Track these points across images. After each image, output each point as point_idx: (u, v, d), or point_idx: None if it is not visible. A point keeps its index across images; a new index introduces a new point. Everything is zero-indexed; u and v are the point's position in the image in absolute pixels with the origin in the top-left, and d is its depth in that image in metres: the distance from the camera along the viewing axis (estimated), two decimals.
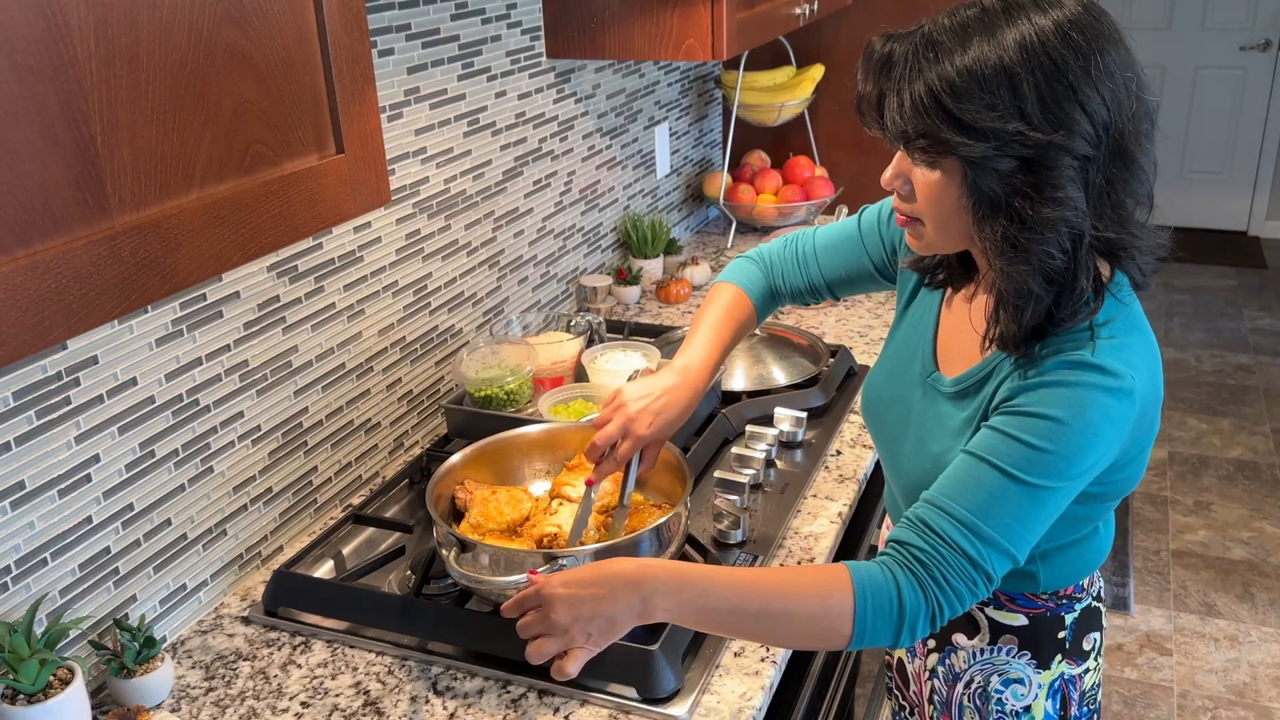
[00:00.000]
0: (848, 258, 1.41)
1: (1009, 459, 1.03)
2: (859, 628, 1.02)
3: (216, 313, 1.41)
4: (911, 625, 1.03)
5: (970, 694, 1.29)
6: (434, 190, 1.82)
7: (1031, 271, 1.01)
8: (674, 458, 1.43)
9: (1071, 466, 1.02)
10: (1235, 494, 3.62)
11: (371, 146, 1.08)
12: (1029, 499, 1.03)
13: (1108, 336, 1.04)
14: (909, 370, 1.26)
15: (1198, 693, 2.76)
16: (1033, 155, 0.98)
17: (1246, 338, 4.77)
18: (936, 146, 1.01)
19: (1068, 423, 1.02)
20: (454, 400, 1.82)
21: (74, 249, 0.78)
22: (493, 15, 1.92)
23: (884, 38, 1.06)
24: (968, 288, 1.22)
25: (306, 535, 1.62)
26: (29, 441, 1.19)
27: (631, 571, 1.04)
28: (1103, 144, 0.99)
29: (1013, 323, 1.05)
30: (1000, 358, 1.12)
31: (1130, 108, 1.00)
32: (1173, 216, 6.02)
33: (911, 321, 1.29)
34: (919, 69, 1.00)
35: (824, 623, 1.02)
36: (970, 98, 0.97)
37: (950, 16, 1.02)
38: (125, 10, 0.80)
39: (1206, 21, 5.63)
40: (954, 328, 1.22)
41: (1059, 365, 1.03)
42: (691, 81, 2.94)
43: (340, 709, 1.27)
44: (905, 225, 1.13)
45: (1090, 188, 1.00)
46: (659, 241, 2.57)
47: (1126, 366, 1.03)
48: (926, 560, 1.03)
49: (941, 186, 1.04)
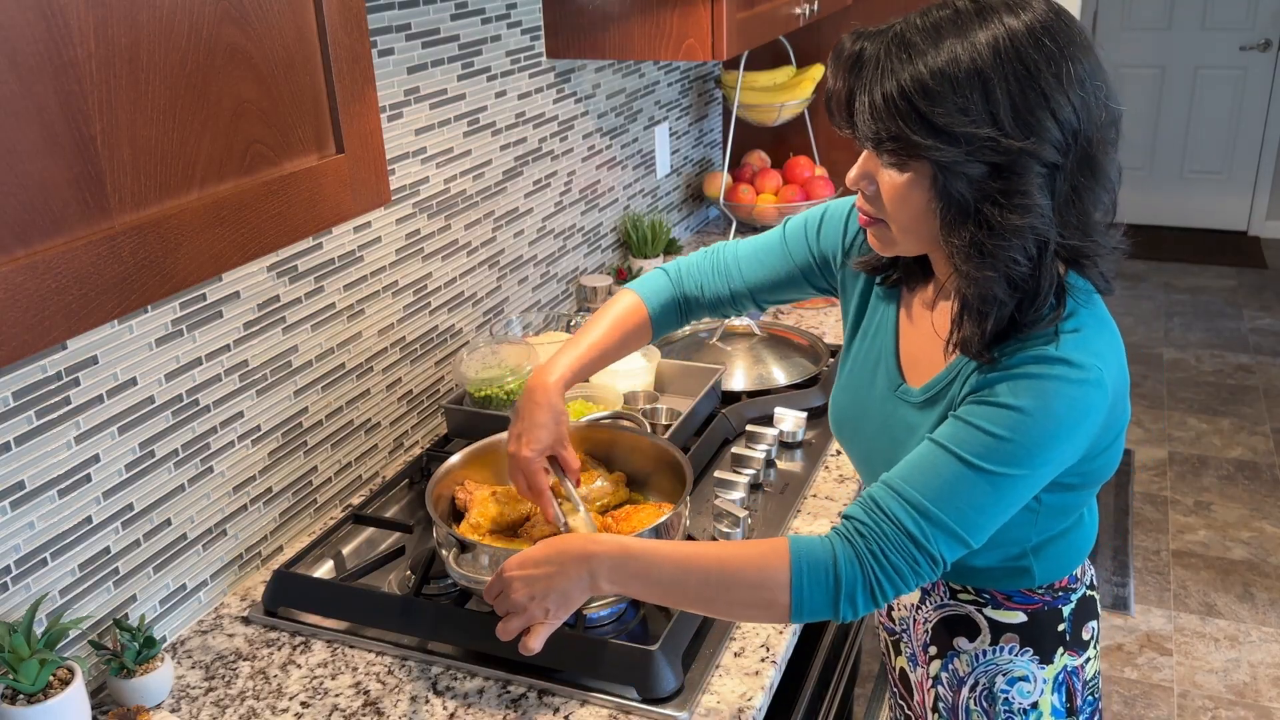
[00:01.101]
0: (771, 266, 1.39)
1: (969, 447, 1.03)
2: (795, 597, 1.03)
3: (216, 313, 1.41)
4: (850, 596, 1.04)
5: (976, 697, 1.29)
6: (434, 190, 1.82)
7: (997, 277, 1.01)
8: (674, 458, 1.43)
9: (1032, 456, 1.03)
10: (1235, 494, 3.62)
11: (371, 146, 1.08)
12: (987, 485, 1.03)
13: (1071, 330, 1.04)
14: (873, 386, 1.25)
15: (1198, 693, 2.76)
16: (1003, 161, 0.98)
17: (1246, 338, 4.77)
18: (907, 149, 1.00)
19: (1030, 413, 1.02)
20: (454, 400, 1.82)
21: (74, 249, 0.78)
22: (493, 15, 1.92)
23: (854, 35, 1.05)
24: (924, 295, 1.21)
25: (306, 535, 1.62)
26: (29, 441, 1.19)
27: (579, 547, 1.10)
28: (1071, 152, 0.99)
29: (976, 329, 1.05)
30: (964, 362, 1.12)
31: (1099, 116, 1.00)
32: (1173, 216, 6.05)
33: (868, 336, 1.28)
34: (890, 69, 0.99)
35: (762, 592, 1.04)
36: (943, 100, 0.97)
37: (923, 16, 1.01)
38: (125, 10, 0.80)
39: (1206, 21, 5.63)
40: (917, 338, 1.21)
41: (1025, 359, 1.04)
42: (691, 81, 2.94)
43: (340, 709, 1.27)
44: (869, 226, 1.12)
45: (1057, 195, 1.00)
46: (659, 241, 2.58)
47: (1093, 358, 1.03)
48: (867, 534, 1.05)
49: (909, 189, 1.03)
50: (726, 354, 1.98)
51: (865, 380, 1.26)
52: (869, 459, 1.26)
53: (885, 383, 1.23)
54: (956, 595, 1.28)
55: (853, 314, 1.31)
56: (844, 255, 1.33)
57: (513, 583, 1.11)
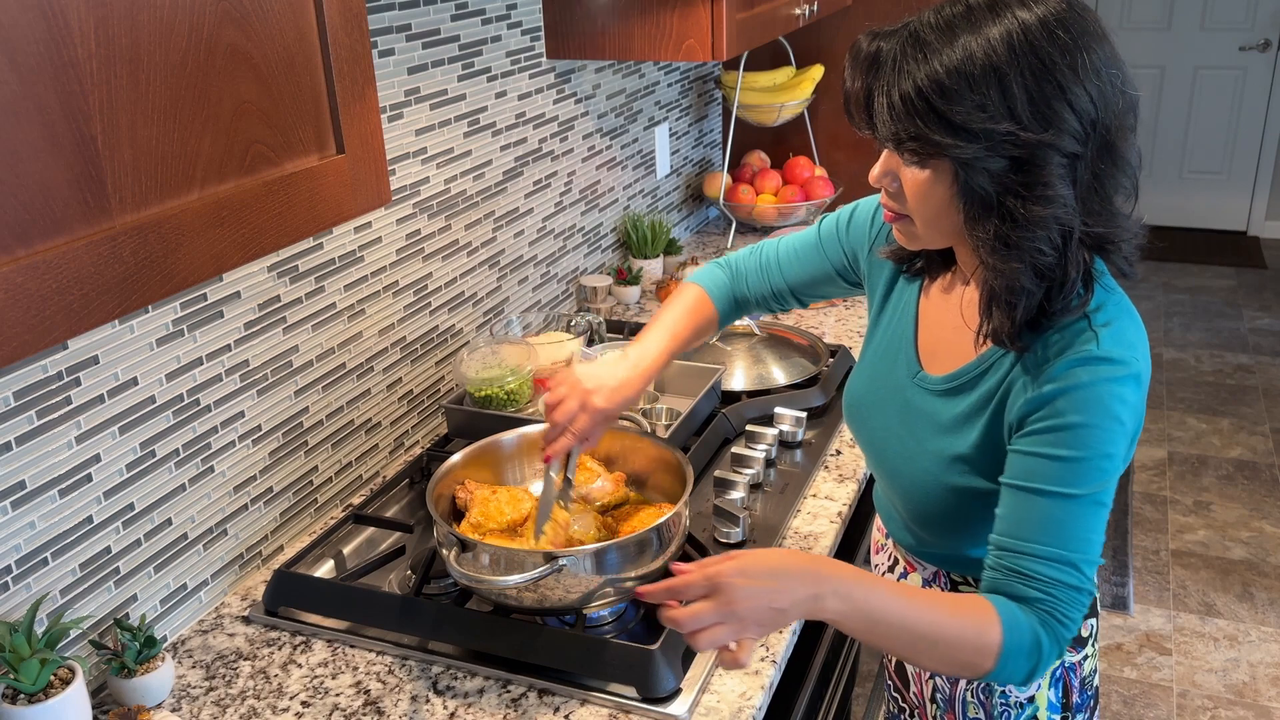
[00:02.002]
0: (809, 264, 1.43)
1: (1052, 479, 1.04)
2: (1000, 665, 1.04)
3: (217, 313, 1.41)
4: (1042, 668, 1.05)
5: (974, 689, 1.30)
6: (434, 190, 1.82)
7: (1023, 268, 1.02)
8: (674, 458, 1.43)
9: (1108, 460, 1.04)
10: (1235, 494, 3.62)
11: (372, 147, 1.08)
12: (1088, 508, 1.04)
13: (1103, 323, 1.05)
14: (892, 373, 1.26)
15: (1197, 692, 2.76)
16: (1023, 155, 0.98)
17: (1246, 338, 4.77)
18: (927, 147, 1.01)
19: (1093, 424, 1.03)
20: (454, 400, 1.82)
21: (75, 249, 0.78)
22: (493, 16, 1.92)
23: (870, 35, 1.06)
24: (943, 283, 1.23)
25: (307, 535, 1.62)
26: (30, 441, 1.19)
27: (811, 567, 1.04)
28: (1090, 140, 0.99)
29: (1006, 318, 1.06)
30: (997, 353, 1.12)
31: (1117, 103, 1.01)
32: (1173, 216, 6.04)
33: (889, 324, 1.30)
34: (907, 69, 1.00)
35: (971, 655, 1.04)
36: (960, 98, 0.97)
37: (936, 14, 1.02)
38: (125, 10, 0.80)
39: (1206, 21, 5.63)
40: (936, 325, 1.23)
41: (1069, 365, 1.04)
42: (691, 82, 2.94)
43: (340, 708, 1.27)
44: (894, 222, 1.13)
45: (1079, 184, 1.00)
46: (659, 241, 2.58)
47: (1129, 350, 1.04)
48: (1048, 608, 1.04)
49: (931, 185, 1.04)
50: (726, 354, 1.98)
51: (885, 368, 1.28)
52: (882, 444, 1.27)
53: (904, 370, 1.24)
54: (958, 587, 1.28)
55: (877, 302, 1.33)
56: (869, 250, 1.35)
57: (736, 592, 1.01)
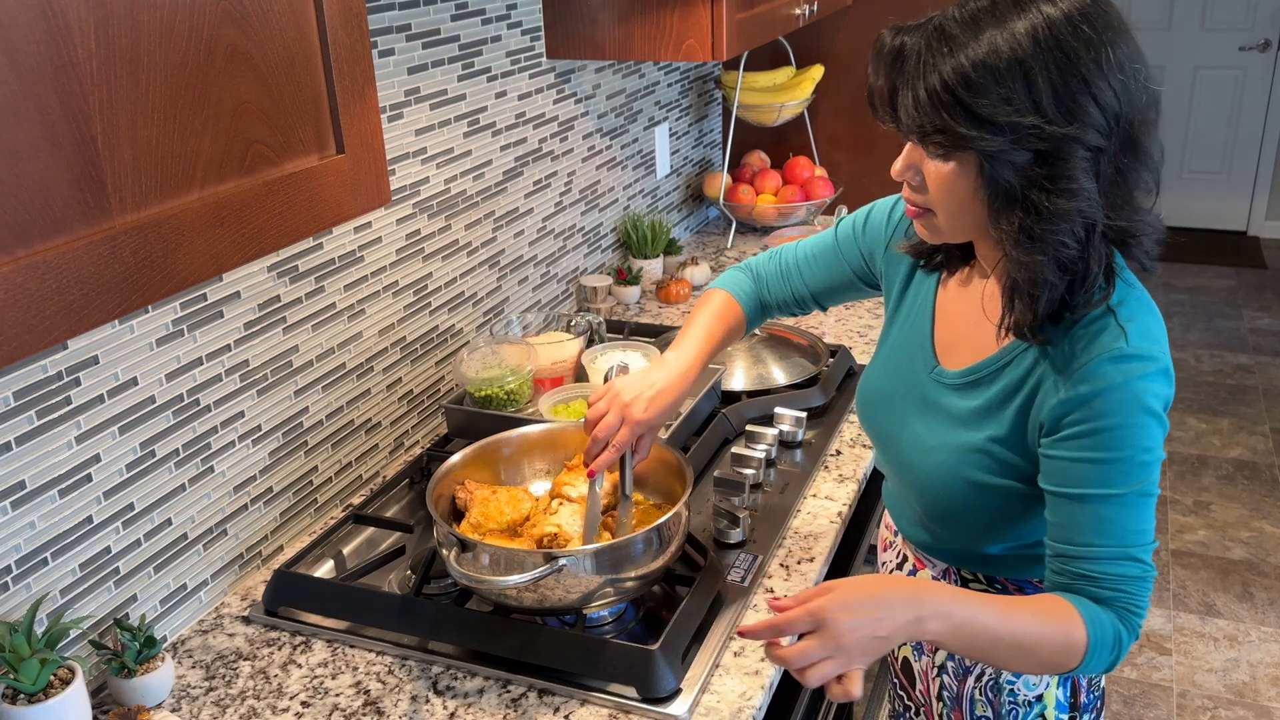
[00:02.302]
0: (827, 268, 1.43)
1: (1098, 482, 1.05)
2: (1086, 661, 1.06)
3: (217, 313, 1.41)
4: (1121, 657, 1.08)
5: (982, 687, 1.30)
6: (434, 190, 1.82)
7: (1046, 261, 1.02)
8: (674, 458, 1.43)
9: (1148, 453, 1.05)
10: (1235, 494, 3.62)
11: (372, 147, 1.08)
12: (1137, 501, 1.06)
13: (1128, 319, 1.06)
14: (910, 368, 1.27)
15: (1197, 692, 2.76)
16: (1047, 148, 0.99)
17: (1246, 338, 4.77)
18: (953, 140, 1.01)
19: (1130, 424, 1.04)
20: (454, 400, 1.82)
21: (75, 249, 0.78)
22: (493, 16, 1.92)
23: (894, 30, 1.06)
24: (961, 277, 1.23)
25: (307, 535, 1.62)
26: (30, 441, 1.19)
27: (910, 593, 1.05)
28: (1114, 134, 1.00)
29: (1028, 311, 1.06)
30: (1019, 346, 1.13)
31: (1139, 98, 1.01)
32: (1172, 216, 6.03)
33: (905, 318, 1.30)
34: (932, 63, 1.00)
35: (1061, 656, 1.06)
36: (985, 91, 0.98)
37: (960, 8, 1.03)
38: (125, 10, 0.80)
39: (1206, 21, 5.63)
40: (954, 319, 1.23)
41: (1101, 364, 1.04)
42: (691, 82, 2.94)
43: (340, 708, 1.27)
44: (916, 217, 1.13)
45: (1102, 177, 1.01)
46: (659, 241, 2.58)
47: (1153, 344, 1.05)
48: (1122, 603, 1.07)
49: (955, 178, 1.05)
50: (726, 354, 1.98)
51: (902, 363, 1.28)
52: (898, 439, 1.27)
53: (921, 364, 1.25)
54: (968, 585, 1.28)
55: (894, 298, 1.34)
56: (886, 247, 1.35)
57: (840, 626, 1.01)
